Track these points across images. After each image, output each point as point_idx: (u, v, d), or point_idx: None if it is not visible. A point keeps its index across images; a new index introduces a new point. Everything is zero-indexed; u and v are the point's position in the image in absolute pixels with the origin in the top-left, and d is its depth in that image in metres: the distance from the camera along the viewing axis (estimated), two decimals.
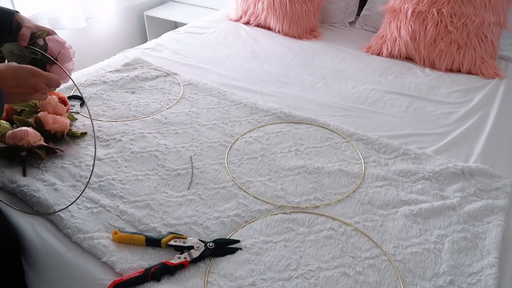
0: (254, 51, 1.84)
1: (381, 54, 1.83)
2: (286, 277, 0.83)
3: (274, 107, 1.36)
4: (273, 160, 1.15)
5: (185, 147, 1.18)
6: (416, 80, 1.63)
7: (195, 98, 1.43)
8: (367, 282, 0.83)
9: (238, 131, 1.27)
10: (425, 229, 0.95)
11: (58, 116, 1.17)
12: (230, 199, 1.01)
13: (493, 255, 0.89)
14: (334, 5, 2.13)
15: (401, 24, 1.75)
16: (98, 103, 1.38)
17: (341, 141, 1.23)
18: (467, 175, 1.10)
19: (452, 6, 1.65)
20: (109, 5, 2.44)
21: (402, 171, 1.12)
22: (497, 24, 1.67)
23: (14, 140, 1.07)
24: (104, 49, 2.56)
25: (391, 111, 1.42)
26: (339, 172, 1.11)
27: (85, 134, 1.22)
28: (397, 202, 1.02)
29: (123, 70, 1.58)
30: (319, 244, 0.90)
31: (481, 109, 1.44)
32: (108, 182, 1.04)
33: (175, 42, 1.89)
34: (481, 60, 1.68)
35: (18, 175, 1.04)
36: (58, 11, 2.17)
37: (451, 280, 0.83)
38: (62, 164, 1.09)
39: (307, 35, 2.01)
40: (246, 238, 0.91)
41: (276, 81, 1.59)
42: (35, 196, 0.98)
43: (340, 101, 1.47)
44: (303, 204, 1.01)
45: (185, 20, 2.53)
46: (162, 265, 0.82)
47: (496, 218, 0.98)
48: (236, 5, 2.16)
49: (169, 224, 0.94)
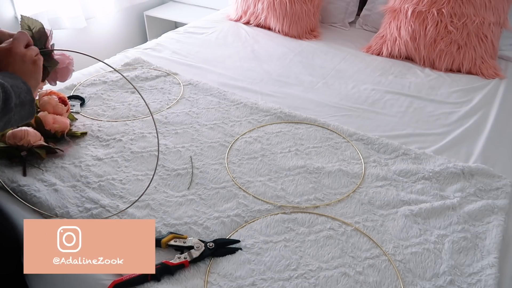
0: (254, 51, 1.84)
1: (381, 54, 1.83)
2: (286, 277, 0.83)
3: (274, 107, 1.36)
4: (273, 160, 1.15)
5: (185, 147, 1.18)
6: (416, 80, 1.63)
7: (195, 98, 1.43)
8: (367, 282, 0.83)
9: (238, 131, 1.27)
10: (425, 229, 0.95)
11: (58, 116, 1.17)
12: (230, 199, 1.01)
13: (493, 255, 0.89)
14: (334, 5, 2.13)
15: (401, 24, 1.75)
16: (98, 103, 1.38)
17: (341, 141, 1.23)
18: (467, 175, 1.10)
19: (452, 6, 1.65)
20: (109, 5, 2.44)
21: (402, 171, 1.12)
22: (497, 24, 1.67)
23: (14, 140, 1.07)
24: (104, 49, 2.55)
25: (391, 111, 1.42)
26: (339, 172, 1.11)
27: (85, 134, 1.22)
28: (397, 202, 1.02)
29: (123, 70, 1.58)
30: (319, 244, 0.90)
31: (481, 109, 1.44)
32: (108, 182, 1.04)
33: (175, 42, 1.89)
34: (481, 60, 1.68)
35: (18, 175, 1.04)
36: (58, 11, 2.17)
37: (451, 280, 0.83)
38: (62, 164, 1.09)
39: (307, 35, 2.01)
40: (246, 238, 0.91)
41: (276, 81, 1.59)
42: (35, 196, 0.98)
43: (340, 101, 1.47)
44: (303, 204, 1.01)
45: (185, 20, 2.53)
46: (162, 265, 0.82)
47: (496, 218, 0.98)
48: (236, 5, 2.16)
49: (169, 224, 0.94)
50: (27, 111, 0.77)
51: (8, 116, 0.72)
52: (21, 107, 0.74)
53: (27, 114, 0.77)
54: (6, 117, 0.72)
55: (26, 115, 0.77)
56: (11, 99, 0.71)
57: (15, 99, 0.72)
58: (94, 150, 1.16)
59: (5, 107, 0.70)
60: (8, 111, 0.71)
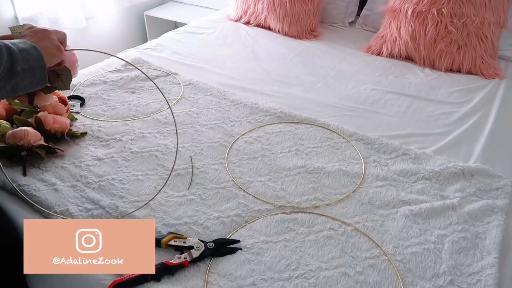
0: (254, 51, 1.84)
1: (381, 54, 1.83)
2: (286, 277, 0.83)
3: (274, 107, 1.36)
4: (273, 160, 1.15)
5: (185, 147, 1.18)
6: (416, 80, 1.63)
7: (195, 98, 1.43)
8: (367, 282, 0.83)
9: (238, 131, 1.27)
10: (425, 229, 0.95)
11: (58, 116, 1.18)
12: (230, 199, 1.01)
13: (493, 255, 0.89)
14: (334, 5, 2.13)
15: (401, 24, 1.75)
16: (98, 103, 1.38)
17: (341, 141, 1.23)
18: (467, 175, 1.10)
19: (452, 6, 1.65)
20: (109, 5, 2.44)
21: (402, 171, 1.12)
22: (497, 24, 1.67)
23: (15, 140, 1.07)
24: (104, 49, 2.52)
25: (391, 111, 1.42)
26: (339, 172, 1.11)
27: (85, 134, 1.22)
28: (397, 202, 1.02)
29: (123, 70, 1.58)
30: (319, 244, 0.90)
31: (481, 109, 1.44)
32: (108, 182, 1.04)
33: (175, 42, 1.89)
34: (481, 60, 1.68)
35: (18, 174, 1.04)
36: (58, 11, 2.17)
37: (451, 280, 0.83)
38: (62, 164, 1.09)
39: (307, 35, 2.01)
40: (246, 238, 0.91)
41: (276, 81, 1.59)
42: (36, 196, 0.98)
43: (340, 101, 1.47)
44: (303, 204, 1.01)
45: (185, 20, 2.53)
46: (162, 265, 0.82)
47: (496, 218, 0.98)
48: (236, 5, 2.16)
49: (169, 224, 0.94)
50: (38, 77, 0.78)
51: (15, 80, 0.73)
52: (30, 72, 0.75)
53: (38, 81, 0.78)
54: (13, 81, 0.73)
55: (36, 82, 0.78)
56: (17, 62, 0.72)
57: (23, 64, 0.73)
58: (94, 150, 1.16)
59: (11, 70, 0.71)
60: (14, 75, 0.72)
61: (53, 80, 0.92)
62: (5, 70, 0.70)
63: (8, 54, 0.71)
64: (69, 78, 0.95)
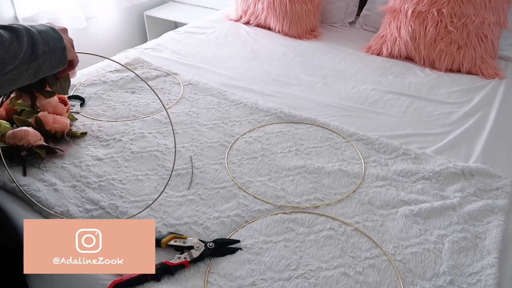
0: (254, 51, 1.84)
1: (381, 54, 1.83)
2: (286, 277, 0.83)
3: (274, 107, 1.36)
4: (273, 160, 1.15)
5: (185, 147, 1.18)
6: (416, 80, 1.63)
7: (195, 98, 1.43)
8: (367, 282, 0.83)
9: (238, 131, 1.27)
10: (425, 229, 0.95)
11: (58, 116, 1.18)
12: (230, 199, 1.01)
13: (493, 255, 0.89)
14: (334, 5, 2.13)
15: (401, 24, 1.75)
16: (98, 103, 1.38)
17: (341, 141, 1.23)
18: (467, 175, 1.10)
19: (452, 6, 1.65)
20: (109, 5, 2.44)
21: (402, 171, 1.12)
22: (497, 24, 1.67)
23: (15, 140, 1.07)
24: (104, 49, 2.56)
25: (391, 111, 1.42)
26: (339, 172, 1.11)
27: (85, 134, 1.22)
28: (397, 202, 1.02)
29: (123, 70, 1.58)
30: (319, 244, 0.90)
31: (481, 109, 1.44)
32: (108, 182, 1.04)
33: (175, 42, 1.89)
34: (481, 60, 1.68)
35: (18, 174, 1.04)
36: (58, 11, 2.17)
37: (451, 280, 0.83)
38: (62, 164, 1.09)
39: (307, 35, 2.01)
40: (246, 238, 0.91)
41: (276, 81, 1.59)
42: (36, 196, 0.98)
43: (340, 101, 1.47)
44: (303, 204, 1.01)
45: (185, 20, 2.53)
46: (162, 265, 0.82)
47: (496, 218, 0.98)
48: (236, 5, 2.16)
49: (169, 224, 0.94)
50: (58, 58, 0.78)
51: (37, 62, 0.73)
52: (51, 54, 0.75)
53: (59, 62, 0.78)
54: (35, 63, 0.73)
55: (57, 63, 0.78)
56: (38, 44, 0.72)
57: (43, 45, 0.73)
58: (94, 150, 1.16)
59: (32, 53, 0.71)
60: (36, 58, 0.72)
61: (52, 84, 0.91)
62: (27, 53, 0.70)
63: (29, 37, 0.71)
64: (68, 83, 0.95)
